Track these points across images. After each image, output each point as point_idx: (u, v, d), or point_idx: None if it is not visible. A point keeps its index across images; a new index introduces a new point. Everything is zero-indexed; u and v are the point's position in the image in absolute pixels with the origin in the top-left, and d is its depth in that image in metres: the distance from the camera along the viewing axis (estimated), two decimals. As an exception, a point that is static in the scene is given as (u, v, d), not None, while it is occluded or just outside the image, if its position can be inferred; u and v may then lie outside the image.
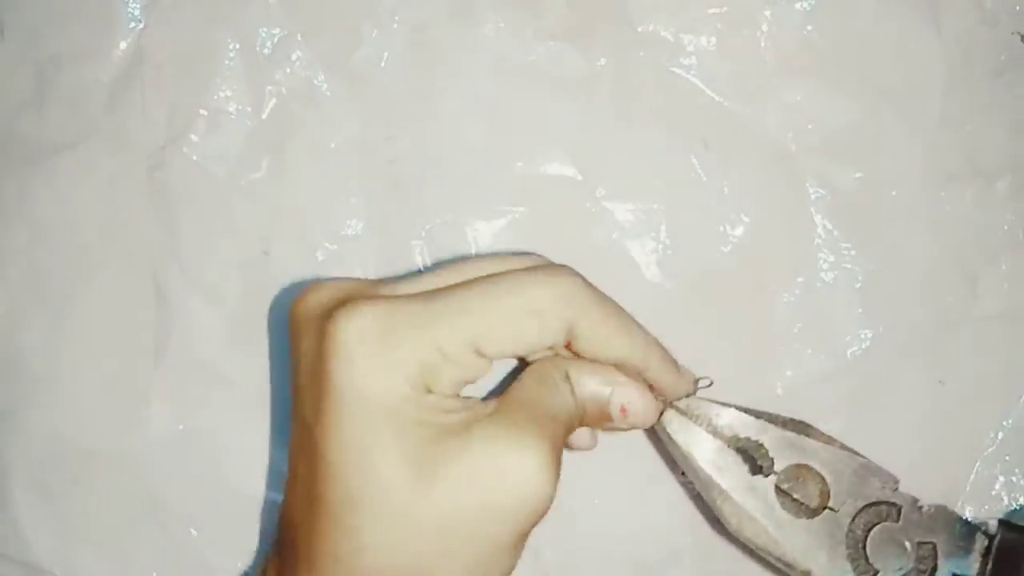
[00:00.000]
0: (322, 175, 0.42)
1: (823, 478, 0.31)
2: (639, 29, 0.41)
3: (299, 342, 0.26)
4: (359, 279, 0.32)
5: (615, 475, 0.41)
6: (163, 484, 0.42)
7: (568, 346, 0.28)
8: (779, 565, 0.31)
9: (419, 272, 0.40)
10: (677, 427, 0.32)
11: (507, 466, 0.24)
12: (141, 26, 0.43)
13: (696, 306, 0.41)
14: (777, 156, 0.41)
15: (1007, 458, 0.41)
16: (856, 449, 0.34)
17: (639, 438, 0.41)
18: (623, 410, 0.29)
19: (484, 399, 0.28)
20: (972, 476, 0.41)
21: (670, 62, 0.41)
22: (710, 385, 0.33)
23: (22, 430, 0.43)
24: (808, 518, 0.31)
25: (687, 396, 0.32)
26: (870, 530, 0.31)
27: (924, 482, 0.41)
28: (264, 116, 0.42)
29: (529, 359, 0.30)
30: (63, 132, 0.43)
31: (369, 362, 0.24)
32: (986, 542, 0.30)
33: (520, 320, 0.25)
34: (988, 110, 0.41)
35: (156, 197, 0.42)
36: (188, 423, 0.42)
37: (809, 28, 0.41)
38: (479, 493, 0.24)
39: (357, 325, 0.24)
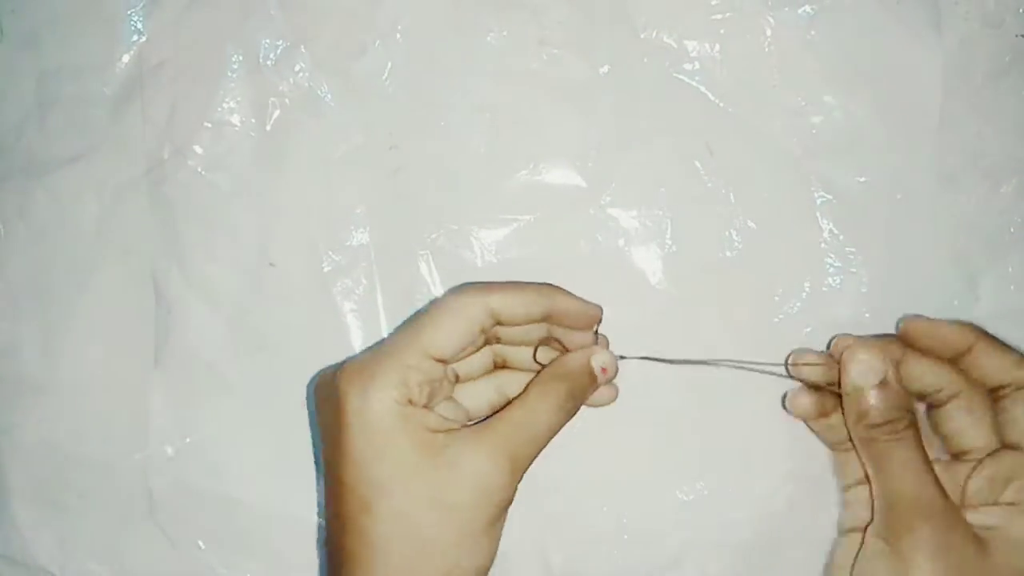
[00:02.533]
0: (326, 185, 0.42)
1: None
2: (642, 36, 0.41)
3: (319, 415, 0.34)
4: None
5: (620, 478, 0.41)
6: (164, 493, 0.42)
7: (496, 338, 0.36)
8: None
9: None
10: None
11: (469, 471, 0.32)
12: (144, 38, 0.43)
13: (702, 312, 0.41)
14: (782, 161, 0.41)
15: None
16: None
17: (650, 444, 0.41)
18: (603, 370, 0.36)
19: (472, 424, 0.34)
20: (979, 479, 0.41)
21: (673, 68, 0.41)
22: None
23: (23, 442, 0.43)
24: None
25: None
26: None
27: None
28: (268, 127, 0.42)
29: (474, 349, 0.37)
30: (66, 144, 0.43)
31: (363, 393, 0.32)
32: None
33: (448, 321, 0.33)
34: (992, 112, 0.41)
35: (160, 209, 0.42)
36: (190, 433, 0.42)
37: (812, 33, 0.41)
38: (457, 486, 0.32)
39: (348, 375, 0.33)
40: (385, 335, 0.41)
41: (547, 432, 0.34)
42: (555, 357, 0.36)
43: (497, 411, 0.34)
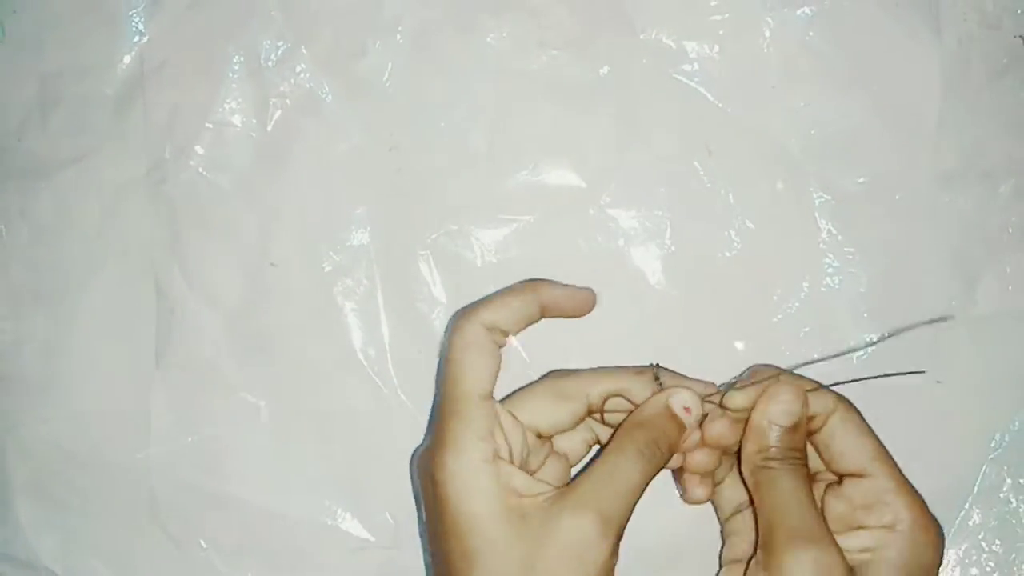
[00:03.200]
0: (327, 186, 0.42)
1: None
2: (641, 36, 0.41)
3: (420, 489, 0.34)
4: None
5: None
6: (167, 493, 0.42)
7: (603, 416, 0.36)
8: None
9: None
10: None
11: (555, 533, 0.31)
12: (145, 39, 0.43)
13: (701, 312, 0.41)
14: (781, 161, 0.41)
15: (1015, 460, 0.41)
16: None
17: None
18: (686, 409, 0.34)
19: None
20: (979, 479, 0.41)
21: (673, 69, 0.41)
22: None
23: (25, 441, 0.43)
24: None
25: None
26: None
27: (931, 485, 0.41)
28: (269, 127, 0.42)
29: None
30: (68, 145, 0.43)
31: (455, 458, 0.32)
32: None
33: (460, 354, 0.34)
34: (991, 113, 0.41)
35: (161, 209, 0.42)
36: (192, 433, 0.42)
37: (811, 34, 0.41)
38: (545, 551, 0.31)
39: (440, 445, 0.33)
40: (386, 335, 0.41)
41: (631, 483, 0.32)
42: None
43: None
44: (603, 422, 0.36)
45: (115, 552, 0.42)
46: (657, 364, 0.36)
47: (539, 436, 0.35)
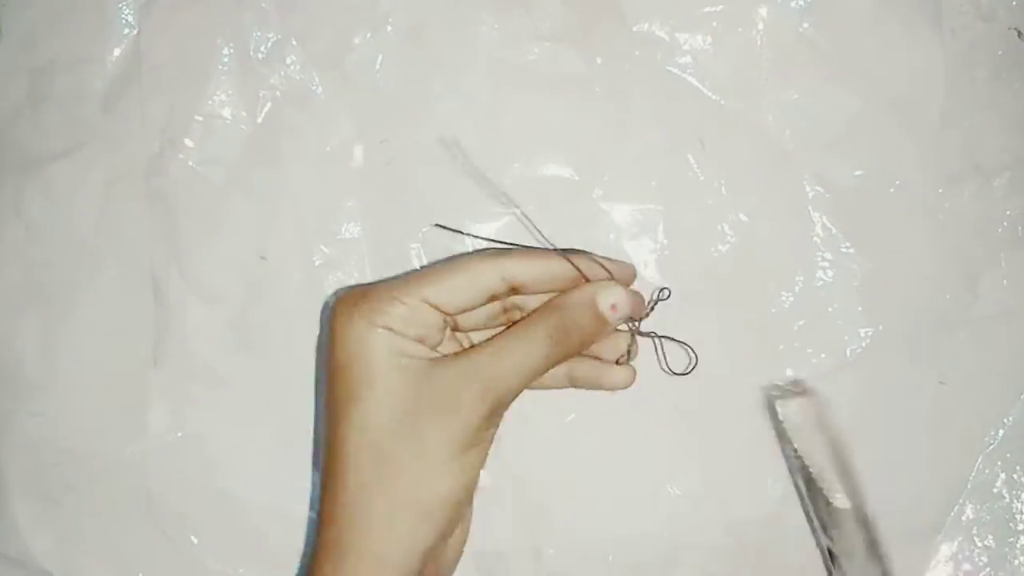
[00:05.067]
0: (318, 179, 0.42)
1: None
2: (634, 29, 0.41)
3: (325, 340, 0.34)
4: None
5: (618, 477, 0.41)
6: (162, 490, 0.42)
7: (517, 291, 0.34)
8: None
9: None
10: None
11: (436, 392, 0.31)
12: (135, 32, 0.43)
13: (695, 306, 0.41)
14: (775, 155, 0.41)
15: (1008, 455, 0.41)
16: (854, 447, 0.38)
17: (646, 440, 0.41)
18: (613, 307, 0.33)
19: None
20: (973, 473, 0.41)
21: (666, 61, 0.41)
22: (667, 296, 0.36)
23: (20, 439, 0.43)
24: None
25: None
26: None
27: (925, 479, 0.41)
28: (259, 120, 0.42)
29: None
30: (59, 138, 0.43)
31: (350, 312, 0.32)
32: None
33: (455, 277, 0.32)
34: (987, 107, 0.41)
35: (153, 203, 0.42)
36: (187, 429, 0.42)
37: (806, 25, 0.40)
38: (422, 408, 0.31)
39: (345, 296, 0.33)
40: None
41: (530, 363, 0.31)
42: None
43: None
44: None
45: (110, 549, 0.42)
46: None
47: (444, 313, 0.33)
